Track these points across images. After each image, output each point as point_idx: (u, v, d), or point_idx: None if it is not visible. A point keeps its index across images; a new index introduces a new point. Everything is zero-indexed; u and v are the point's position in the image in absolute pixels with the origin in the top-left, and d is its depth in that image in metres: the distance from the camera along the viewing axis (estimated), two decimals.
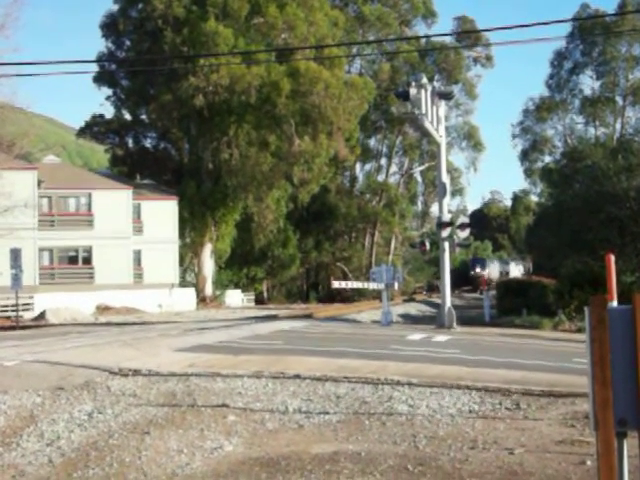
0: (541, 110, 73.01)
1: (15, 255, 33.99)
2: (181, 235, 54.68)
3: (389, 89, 70.64)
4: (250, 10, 53.61)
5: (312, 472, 7.93)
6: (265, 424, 10.30)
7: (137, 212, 51.06)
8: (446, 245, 30.22)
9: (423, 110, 27.31)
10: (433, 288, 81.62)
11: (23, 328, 32.08)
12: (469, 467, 8.05)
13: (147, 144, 64.54)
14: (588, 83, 72.13)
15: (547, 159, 74.75)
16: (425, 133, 32.13)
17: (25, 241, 39.79)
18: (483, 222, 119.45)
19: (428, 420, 10.42)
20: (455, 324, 29.62)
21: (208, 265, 57.22)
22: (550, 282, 42.04)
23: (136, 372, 14.21)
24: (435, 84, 30.51)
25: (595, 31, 65.98)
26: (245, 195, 56.86)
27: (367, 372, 14.17)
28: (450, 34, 77.68)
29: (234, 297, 59.86)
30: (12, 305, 35.53)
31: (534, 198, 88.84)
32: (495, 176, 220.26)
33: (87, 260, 48.77)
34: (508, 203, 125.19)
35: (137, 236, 49.94)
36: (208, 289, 56.56)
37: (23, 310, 37.99)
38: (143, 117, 61.31)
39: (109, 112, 62.66)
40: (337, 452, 8.74)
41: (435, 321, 31.31)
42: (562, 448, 8.80)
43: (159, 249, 50.77)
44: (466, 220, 32.43)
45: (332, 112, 53.93)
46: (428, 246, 34.30)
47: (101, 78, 58.81)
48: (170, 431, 9.89)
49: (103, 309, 44.77)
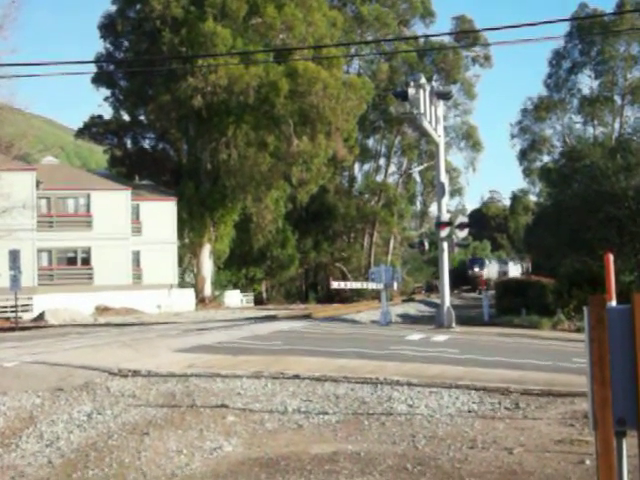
0: (540, 110, 73.00)
1: (14, 256, 33.99)
2: (180, 236, 54.66)
3: (387, 89, 70.61)
4: (248, 10, 53.61)
5: (311, 472, 7.93)
6: (264, 424, 10.30)
7: (136, 213, 51.06)
8: (445, 245, 30.23)
9: (422, 110, 27.35)
10: (432, 288, 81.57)
11: (22, 329, 32.08)
12: (468, 467, 8.05)
13: (146, 145, 64.62)
14: (587, 83, 72.22)
15: (546, 159, 74.79)
16: (424, 133, 32.15)
17: (24, 242, 39.79)
18: (482, 222, 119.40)
19: (427, 420, 10.42)
20: (454, 324, 29.64)
21: (207, 266, 57.20)
22: (549, 282, 41.98)
23: (135, 373, 14.21)
24: (433, 84, 30.58)
25: (593, 30, 65.98)
26: (244, 195, 56.86)
27: (366, 372, 14.17)
28: (449, 34, 77.70)
29: (233, 297, 59.83)
30: (11, 306, 35.51)
31: (533, 198, 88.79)
32: (494, 176, 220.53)
33: (86, 261, 48.76)
34: (507, 203, 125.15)
35: (136, 237, 49.93)
36: (207, 290, 56.53)
37: (22, 311, 37.97)
38: (142, 118, 61.30)
39: (107, 113, 62.76)
40: (336, 452, 8.74)
41: (434, 321, 31.31)
42: (561, 447, 8.81)
43: (158, 250, 50.76)
44: (465, 220, 32.43)
45: (330, 112, 53.94)
46: (427, 246, 34.33)
47: (99, 79, 58.82)
48: (169, 432, 9.89)
49: (102, 310, 44.75)
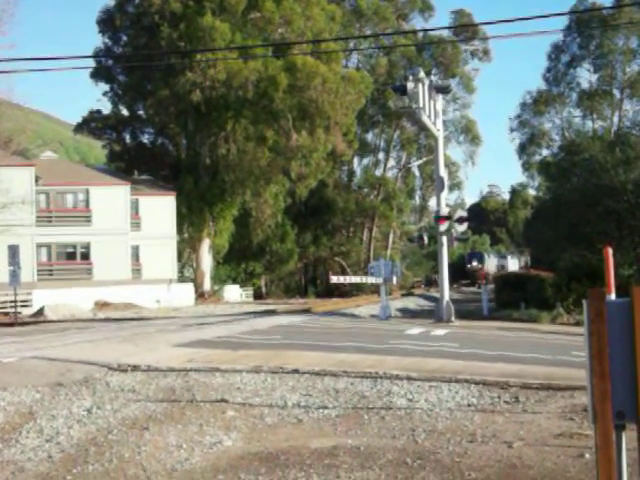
0: (539, 103, 72.81)
1: (13, 251, 34.00)
2: (179, 230, 54.65)
3: (386, 83, 70.45)
4: (247, 5, 53.50)
5: (311, 467, 7.94)
6: (264, 419, 10.31)
7: (135, 208, 51.02)
8: (444, 239, 30.27)
9: (420, 104, 27.36)
10: (431, 282, 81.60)
11: (22, 324, 32.13)
12: (468, 461, 8.06)
13: (144, 140, 64.51)
14: (585, 76, 71.97)
15: (545, 152, 74.53)
16: (423, 127, 32.14)
17: (23, 237, 39.81)
18: (481, 216, 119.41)
19: (427, 414, 10.43)
20: (453, 318, 29.69)
21: (206, 260, 57.19)
22: (548, 275, 41.99)
23: (135, 368, 14.22)
24: (432, 78, 30.64)
25: (592, 24, 65.79)
26: (243, 190, 56.84)
27: (366, 366, 14.19)
28: (447, 28, 77.72)
29: (232, 292, 59.83)
30: (10, 301, 35.51)
31: (532, 192, 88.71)
32: (493, 170, 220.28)
33: (85, 256, 48.74)
34: (506, 197, 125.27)
35: (135, 232, 49.90)
36: (206, 284, 56.53)
37: (21, 306, 37.97)
38: (140, 113, 61.21)
39: (106, 108, 62.61)
40: (336, 446, 8.75)
41: (433, 315, 31.37)
42: (561, 441, 8.82)
43: (157, 245, 50.76)
44: (464, 214, 32.44)
45: (329, 107, 53.88)
46: (426, 240, 34.29)
47: (98, 74, 58.76)
48: (169, 426, 9.89)
49: (101, 305, 44.73)
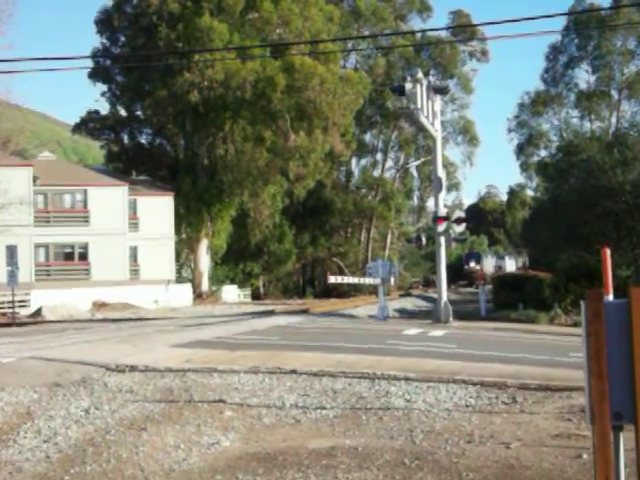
0: (537, 104, 72.81)
1: (11, 252, 33.98)
2: (177, 231, 54.61)
3: (384, 84, 70.50)
4: (245, 5, 53.51)
5: (309, 467, 7.94)
6: (262, 419, 10.31)
7: (133, 208, 50.99)
8: (442, 240, 30.25)
9: (419, 105, 27.35)
10: (429, 283, 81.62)
11: (19, 325, 32.11)
12: (466, 461, 8.06)
13: (142, 140, 64.55)
14: (583, 77, 71.95)
15: (543, 153, 74.49)
16: (421, 128, 32.13)
17: (21, 238, 39.79)
18: (479, 217, 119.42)
19: (425, 414, 10.43)
20: (451, 319, 29.69)
21: (204, 261, 57.18)
22: (546, 276, 41.98)
23: (133, 368, 14.22)
24: (430, 79, 30.58)
25: (590, 25, 65.79)
26: (241, 191, 56.84)
27: (364, 367, 14.19)
28: (445, 28, 77.78)
29: (230, 293, 59.80)
30: (8, 302, 35.50)
31: (530, 192, 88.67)
32: (491, 171, 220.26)
33: (83, 256, 48.71)
34: (504, 197, 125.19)
35: (133, 232, 49.87)
36: (204, 285, 56.52)
37: (19, 307, 37.96)
38: (138, 113, 61.23)
39: (104, 108, 62.69)
40: (334, 447, 8.75)
41: (431, 316, 31.35)
42: (558, 442, 8.82)
43: (155, 245, 50.72)
44: (462, 215, 32.44)
45: (327, 107, 53.89)
46: (424, 241, 34.30)
47: (96, 74, 58.75)
48: (167, 427, 9.89)
49: (99, 305, 44.70)
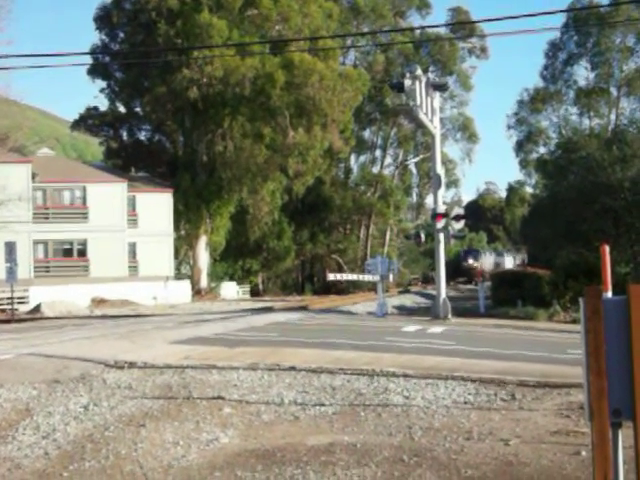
0: (536, 101, 72.72)
1: (10, 248, 33.97)
2: (176, 227, 54.58)
3: (383, 81, 70.50)
4: (244, 2, 53.46)
5: (308, 464, 7.94)
6: (261, 416, 10.31)
7: (132, 205, 50.94)
8: (441, 236, 30.26)
9: (418, 101, 27.35)
10: (428, 279, 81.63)
11: (18, 321, 32.09)
12: (464, 458, 8.06)
13: (141, 137, 64.49)
14: (583, 74, 71.85)
15: (542, 150, 74.41)
16: (420, 124, 32.12)
17: (20, 234, 39.78)
18: (478, 213, 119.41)
19: (423, 411, 10.43)
20: (450, 315, 29.70)
21: (203, 257, 57.17)
22: (545, 273, 41.92)
23: (132, 365, 14.22)
24: (429, 75, 30.57)
25: (589, 22, 65.72)
26: (240, 187, 56.82)
27: (362, 364, 14.19)
28: (445, 25, 77.62)
29: (229, 289, 59.80)
30: (7, 298, 35.50)
31: (529, 189, 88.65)
32: (490, 167, 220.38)
33: (82, 253, 48.69)
34: (503, 194, 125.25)
35: (132, 229, 49.82)
36: (203, 281, 56.52)
37: (18, 303, 37.97)
38: (137, 109, 61.18)
39: (103, 104, 62.61)
40: (333, 444, 8.75)
41: (430, 312, 31.37)
42: (557, 439, 8.83)
43: (154, 241, 50.68)
44: (461, 211, 32.43)
45: (326, 104, 53.88)
46: (423, 237, 34.36)
47: (95, 70, 58.68)
48: (166, 423, 9.89)
49: (98, 302, 44.70)
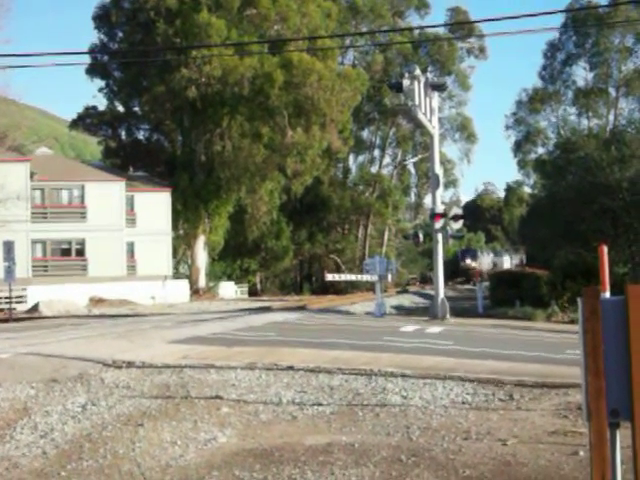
0: (534, 101, 72.79)
1: (8, 247, 33.95)
2: (174, 227, 54.59)
3: (382, 80, 70.60)
4: (243, 1, 53.50)
5: (306, 463, 7.93)
6: (259, 416, 10.30)
7: (130, 204, 50.97)
8: (439, 236, 30.24)
9: (416, 101, 27.32)
10: (426, 279, 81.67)
11: (16, 320, 32.04)
12: (462, 458, 8.06)
13: (140, 136, 64.53)
14: (581, 74, 71.93)
15: (540, 150, 74.56)
16: (418, 124, 32.12)
17: (18, 233, 39.76)
18: (476, 213, 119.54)
19: (421, 411, 10.43)
20: (448, 315, 29.67)
21: (201, 257, 57.19)
22: (543, 273, 41.96)
23: (130, 364, 14.20)
24: (428, 75, 30.52)
25: (588, 22, 65.77)
26: (238, 187, 56.84)
27: (360, 363, 14.17)
28: (443, 25, 77.69)
29: (227, 289, 59.83)
30: (5, 297, 35.47)
31: (527, 189, 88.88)
32: (488, 168, 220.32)
33: (80, 252, 48.69)
34: (501, 194, 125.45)
35: (130, 228, 49.84)
36: (201, 281, 56.54)
37: (16, 302, 37.94)
38: (136, 109, 61.21)
39: (102, 104, 62.64)
40: (331, 443, 8.74)
41: (428, 312, 31.35)
42: (555, 439, 8.82)
43: (152, 241, 50.69)
44: (459, 211, 32.45)
45: (325, 104, 53.91)
46: (421, 237, 34.33)
47: (94, 70, 58.69)
48: (164, 423, 9.88)
49: (96, 301, 44.70)
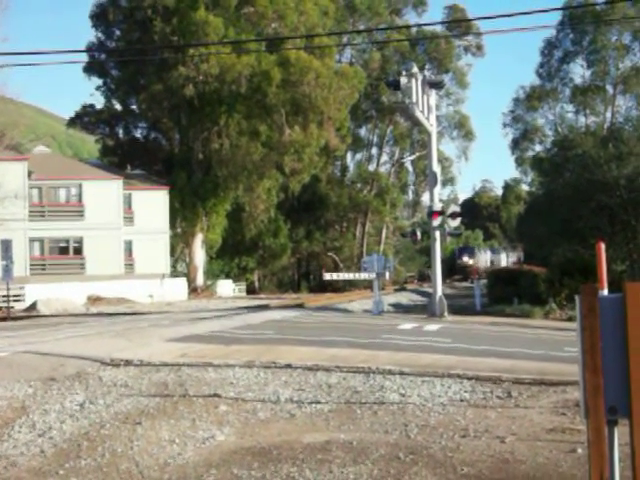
0: (532, 99, 72.80)
1: (6, 246, 33.94)
2: (172, 225, 54.58)
3: (380, 78, 70.52)
4: None
5: (304, 461, 7.93)
6: (257, 414, 10.30)
7: (128, 202, 50.96)
8: (437, 234, 30.26)
9: (414, 99, 27.32)
10: (424, 277, 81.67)
11: (14, 319, 32.05)
12: (460, 456, 8.06)
13: (137, 134, 64.52)
14: (578, 72, 71.98)
15: (538, 148, 74.55)
16: (416, 122, 32.13)
17: (15, 232, 39.75)
18: (474, 211, 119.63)
19: (419, 409, 10.43)
20: (446, 313, 29.70)
21: (199, 255, 57.16)
22: (541, 271, 41.93)
23: (128, 362, 14.20)
24: (426, 73, 30.55)
25: (585, 20, 65.72)
26: (236, 185, 56.81)
27: (358, 361, 14.18)
28: (441, 23, 77.73)
29: (225, 287, 59.82)
30: (3, 296, 35.44)
31: (525, 187, 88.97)
32: (486, 165, 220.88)
33: (78, 251, 48.68)
34: (499, 192, 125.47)
35: (128, 226, 49.85)
36: (199, 279, 56.51)
37: (14, 301, 37.89)
38: (133, 107, 61.19)
39: (99, 102, 62.63)
40: (329, 441, 8.74)
41: (426, 310, 31.37)
42: (553, 436, 8.83)
43: (150, 239, 50.70)
44: (457, 209, 32.42)
45: (322, 101, 53.88)
46: (419, 235, 34.28)
47: (91, 68, 58.68)
48: (162, 421, 9.88)
49: (94, 299, 44.70)
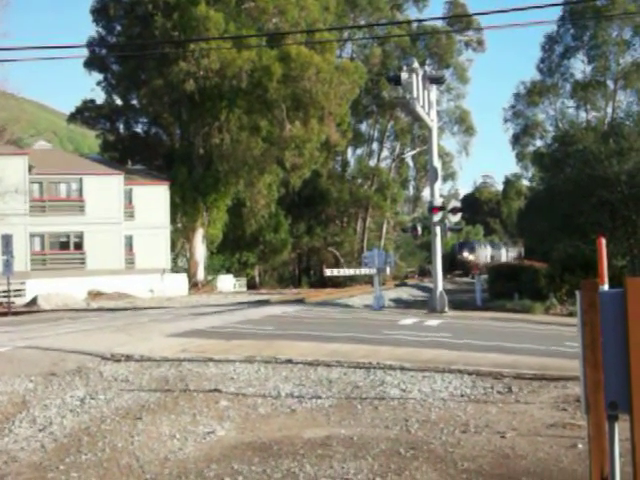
0: (532, 94, 72.69)
1: (6, 241, 33.93)
2: (173, 220, 54.55)
3: (380, 73, 70.51)
4: None
5: (304, 457, 7.93)
6: (257, 409, 10.30)
7: (128, 197, 50.92)
8: (438, 229, 30.24)
9: (414, 94, 27.30)
10: (425, 272, 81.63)
11: (15, 314, 32.06)
12: (461, 451, 8.07)
13: (138, 129, 64.45)
14: (579, 67, 71.93)
15: (538, 143, 74.44)
16: (416, 117, 32.08)
17: (16, 227, 39.73)
18: (475, 206, 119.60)
19: (420, 404, 10.44)
20: (447, 308, 29.70)
21: (200, 250, 57.14)
22: (542, 266, 41.93)
23: (128, 357, 14.21)
24: (426, 68, 30.53)
25: (586, 15, 65.62)
26: (236, 180, 56.75)
27: (359, 356, 14.19)
28: (441, 18, 77.54)
29: (226, 282, 59.79)
30: (3, 291, 35.45)
31: (525, 182, 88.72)
32: (487, 160, 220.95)
33: (78, 245, 48.66)
34: (500, 187, 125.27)
35: (128, 221, 49.82)
36: (200, 274, 56.49)
37: (15, 296, 37.91)
38: (134, 102, 61.10)
39: (100, 97, 62.56)
40: (329, 436, 8.75)
41: (427, 305, 31.37)
42: (554, 431, 8.83)
43: (151, 234, 50.67)
44: (458, 204, 32.38)
45: (323, 97, 53.81)
46: (420, 230, 34.27)
47: (92, 63, 58.59)
48: (162, 416, 9.88)
49: (95, 294, 44.71)
